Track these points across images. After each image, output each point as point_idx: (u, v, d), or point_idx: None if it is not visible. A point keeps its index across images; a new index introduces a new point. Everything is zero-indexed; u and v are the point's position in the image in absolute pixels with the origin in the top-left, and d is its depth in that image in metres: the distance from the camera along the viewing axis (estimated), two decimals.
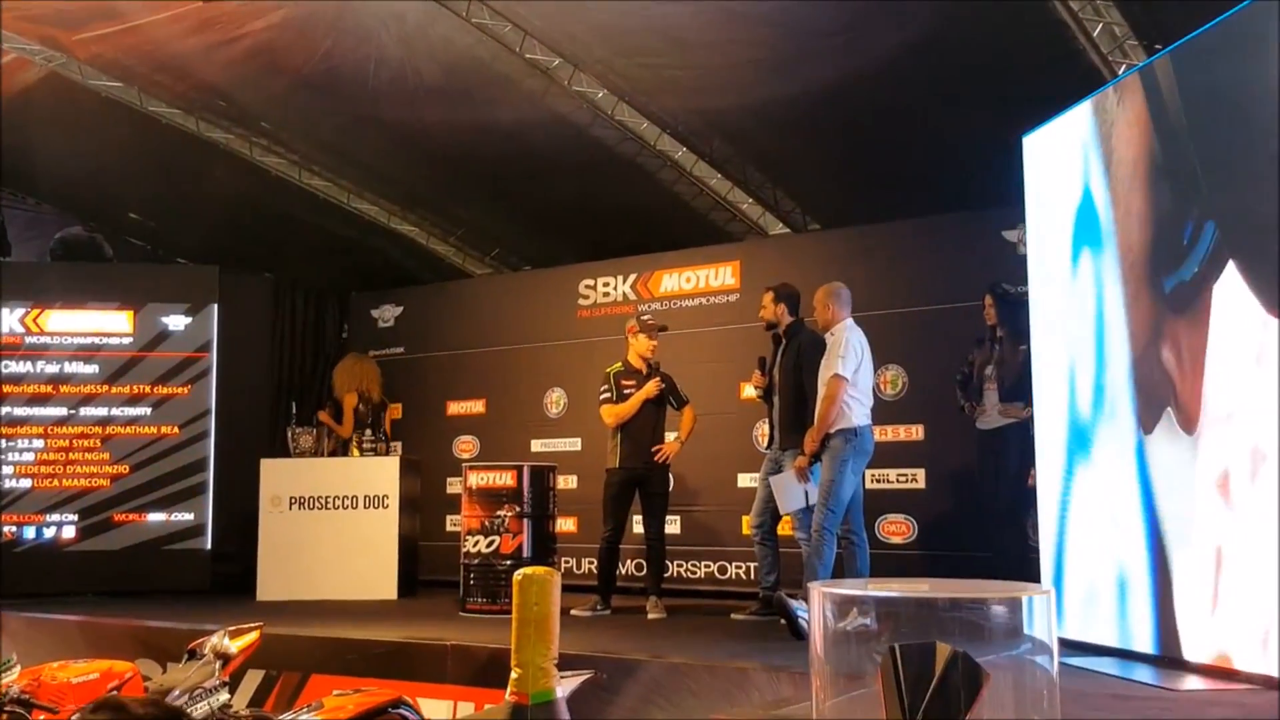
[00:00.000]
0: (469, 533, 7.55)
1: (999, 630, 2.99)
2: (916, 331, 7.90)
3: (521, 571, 4.59)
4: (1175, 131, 5.00)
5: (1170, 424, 4.87)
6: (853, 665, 3.00)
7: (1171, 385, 4.89)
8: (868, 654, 2.96)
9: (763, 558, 7.00)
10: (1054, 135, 5.88)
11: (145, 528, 9.08)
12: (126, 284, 9.42)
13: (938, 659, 2.76)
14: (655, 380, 7.43)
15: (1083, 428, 5.52)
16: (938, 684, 2.68)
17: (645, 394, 7.41)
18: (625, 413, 7.43)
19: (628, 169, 8.82)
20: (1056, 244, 5.84)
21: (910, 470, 7.83)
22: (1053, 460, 5.77)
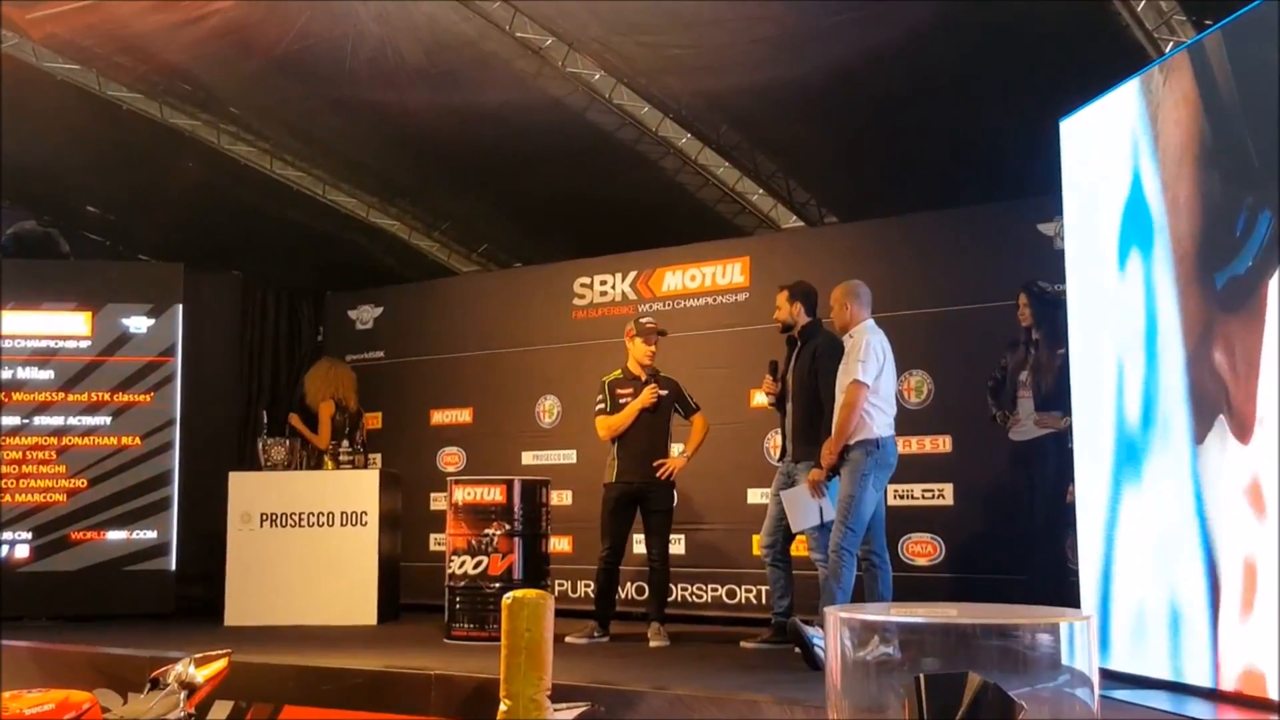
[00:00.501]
0: (455, 552, 7.52)
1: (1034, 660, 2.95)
2: (943, 334, 7.87)
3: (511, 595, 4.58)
4: (1227, 113, 4.96)
5: (1223, 432, 4.84)
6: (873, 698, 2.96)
7: (1224, 390, 4.85)
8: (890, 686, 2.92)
9: (775, 581, 6.96)
10: (1095, 119, 5.85)
11: (104, 547, 9.06)
12: (84, 283, 9.41)
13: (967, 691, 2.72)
14: (651, 388, 7.41)
15: (1130, 438, 5.48)
16: (966, 718, 2.64)
17: (640, 404, 7.39)
18: (619, 425, 7.42)
19: (627, 157, 8.80)
20: (1099, 237, 5.80)
21: (937, 485, 7.79)
22: (1095, 474, 5.73)
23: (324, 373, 9.26)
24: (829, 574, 6.22)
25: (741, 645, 7.00)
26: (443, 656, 6.57)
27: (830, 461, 6.34)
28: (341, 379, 9.20)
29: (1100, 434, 5.71)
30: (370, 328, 10.59)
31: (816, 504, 6.51)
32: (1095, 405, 5.78)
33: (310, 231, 10.39)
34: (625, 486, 7.38)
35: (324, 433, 8.95)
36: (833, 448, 6.30)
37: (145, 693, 5.11)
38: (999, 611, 3.25)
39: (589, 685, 5.28)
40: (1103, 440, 5.69)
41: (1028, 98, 6.87)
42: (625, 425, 7.40)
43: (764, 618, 7.42)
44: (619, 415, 7.43)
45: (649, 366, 7.52)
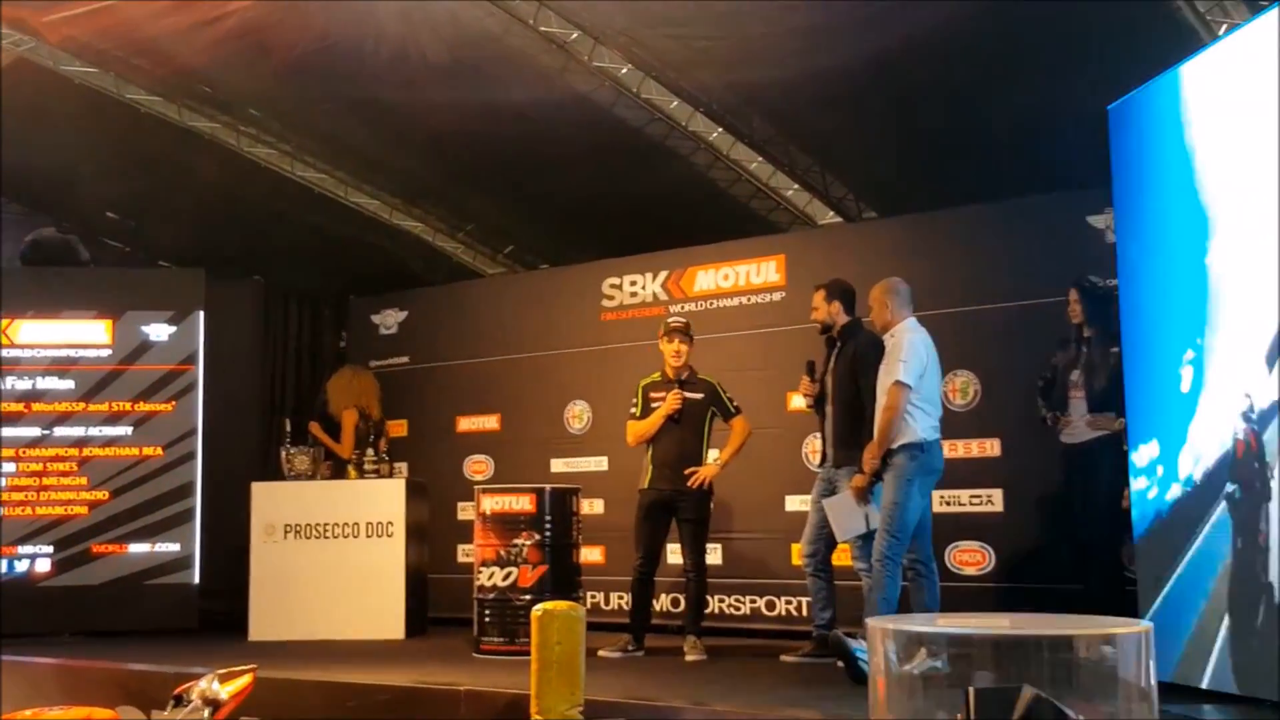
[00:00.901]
0: (483, 564, 7.51)
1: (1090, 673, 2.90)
2: (990, 332, 7.80)
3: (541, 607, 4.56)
4: None
5: None
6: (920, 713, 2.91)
7: None
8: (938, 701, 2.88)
9: (816, 591, 6.91)
10: (1147, 104, 5.76)
11: (127, 560, 9.09)
12: (104, 290, 9.45)
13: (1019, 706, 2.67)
14: (674, 393, 7.37)
15: None
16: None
17: (665, 410, 7.37)
18: (644, 431, 7.43)
19: (656, 153, 8.78)
20: (1152, 229, 5.71)
21: (985, 491, 7.72)
22: None
23: (347, 380, 9.27)
24: (873, 584, 6.17)
25: (782, 659, 6.95)
26: (472, 671, 6.56)
27: (873, 466, 6.30)
28: (365, 387, 9.21)
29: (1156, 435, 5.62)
30: (394, 333, 10.59)
31: (862, 511, 6.46)
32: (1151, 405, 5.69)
33: (332, 234, 10.42)
34: (657, 493, 7.36)
35: (347, 442, 8.95)
36: (875, 452, 6.26)
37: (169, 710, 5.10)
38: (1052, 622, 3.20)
39: (623, 701, 5.25)
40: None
41: (1075, 84, 6.80)
42: (650, 432, 7.39)
43: (805, 630, 7.37)
44: (644, 421, 7.42)
45: (680, 368, 7.47)
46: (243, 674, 5.25)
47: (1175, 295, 5.57)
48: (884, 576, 6.09)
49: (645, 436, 7.42)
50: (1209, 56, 5.45)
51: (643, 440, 7.44)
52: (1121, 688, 2.94)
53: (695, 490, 7.32)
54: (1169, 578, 5.53)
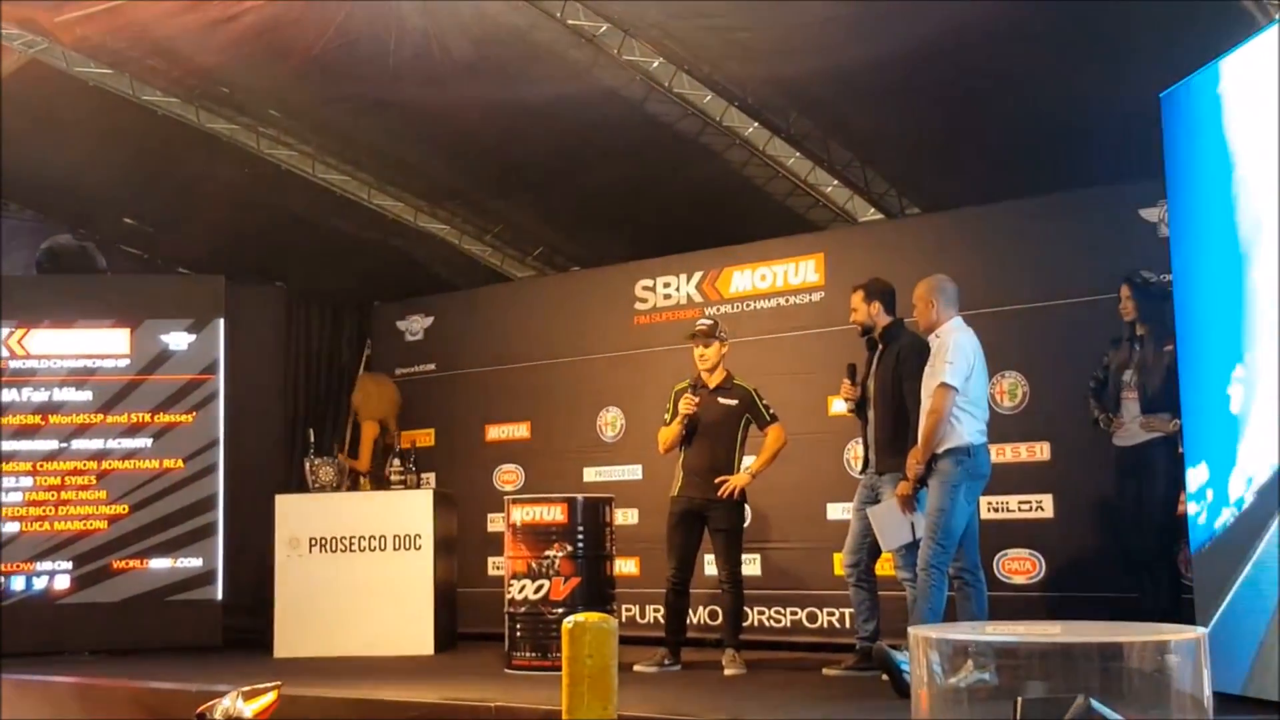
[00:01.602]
0: (514, 576, 7.54)
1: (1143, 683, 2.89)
2: (1039, 331, 7.78)
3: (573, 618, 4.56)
4: None
5: None
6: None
7: None
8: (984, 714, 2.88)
9: (859, 602, 6.91)
10: (1200, 92, 5.73)
11: (147, 576, 9.18)
12: (121, 298, 9.56)
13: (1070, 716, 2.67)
14: (686, 396, 7.39)
15: None
16: None
17: (679, 416, 7.41)
18: (666, 437, 7.50)
19: (690, 150, 8.79)
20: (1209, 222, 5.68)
21: (1035, 496, 7.69)
22: None
23: (375, 390, 9.39)
24: (918, 594, 6.18)
25: (824, 673, 6.94)
26: (503, 687, 6.59)
27: (917, 472, 6.29)
28: (388, 397, 9.35)
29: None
30: (420, 339, 10.65)
31: (908, 520, 6.46)
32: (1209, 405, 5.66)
33: (355, 239, 10.48)
34: (687, 502, 7.38)
35: (365, 454, 9.04)
36: (919, 457, 6.26)
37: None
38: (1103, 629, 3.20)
39: (659, 717, 5.26)
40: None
41: (1127, 70, 6.78)
42: (672, 438, 7.45)
43: (848, 643, 7.36)
44: (666, 430, 7.48)
45: (711, 372, 7.48)
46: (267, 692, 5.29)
47: (1224, 304, 5.54)
48: (929, 586, 6.08)
49: (669, 443, 7.48)
50: (1255, 46, 5.42)
51: (670, 447, 7.49)
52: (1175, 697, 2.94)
53: (726, 499, 7.33)
54: (1231, 586, 5.49)
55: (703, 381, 7.52)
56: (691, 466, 7.42)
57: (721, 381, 7.51)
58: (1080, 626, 3.42)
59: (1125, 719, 2.71)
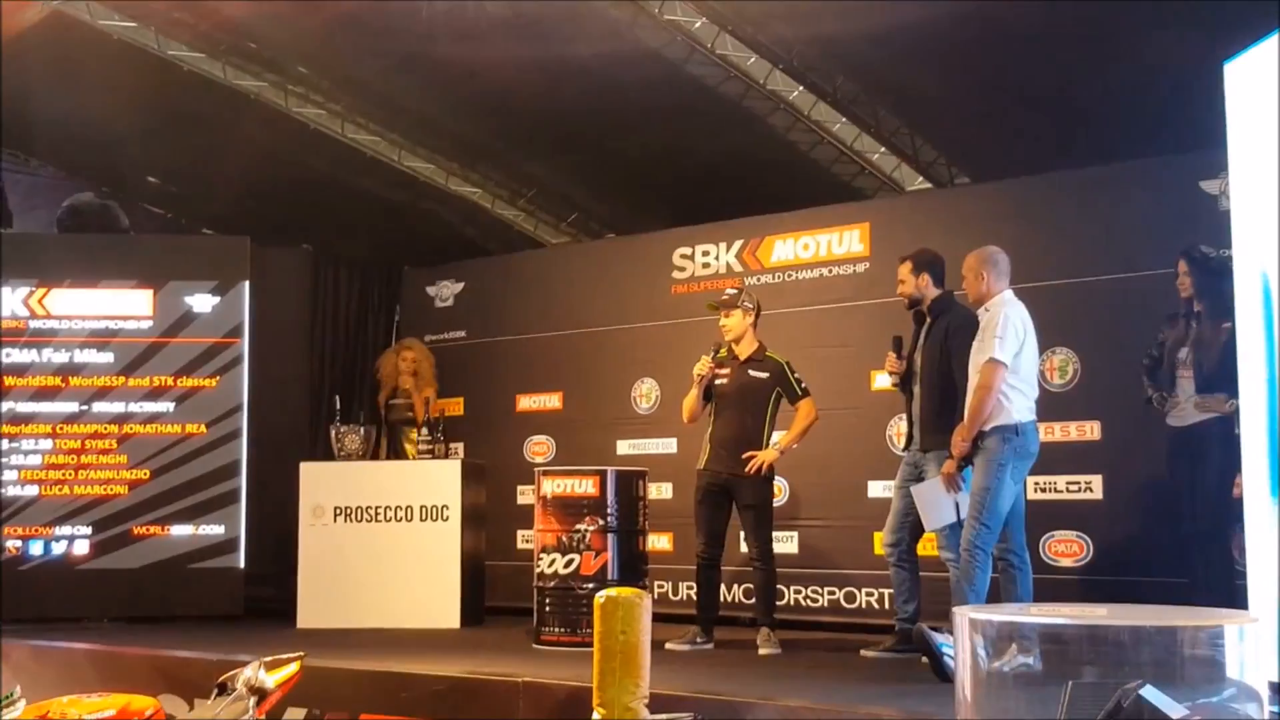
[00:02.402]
0: (544, 550, 7.56)
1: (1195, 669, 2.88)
2: (1092, 306, 7.74)
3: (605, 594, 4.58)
4: None
5: None
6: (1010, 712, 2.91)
7: None
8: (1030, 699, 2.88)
9: (900, 583, 6.91)
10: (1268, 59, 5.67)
11: (168, 543, 9.25)
12: (144, 259, 9.60)
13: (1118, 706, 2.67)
14: (704, 361, 7.40)
15: None
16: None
17: (697, 379, 7.42)
18: (686, 406, 7.54)
19: (732, 114, 8.76)
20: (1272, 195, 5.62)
21: (1084, 477, 7.67)
22: (1265, 463, 5.56)
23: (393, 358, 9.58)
24: (960, 575, 6.15)
25: (861, 654, 6.95)
26: (531, 663, 6.60)
27: (963, 450, 6.27)
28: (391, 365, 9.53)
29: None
30: (450, 305, 10.68)
31: (952, 499, 6.44)
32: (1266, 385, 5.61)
33: (385, 201, 10.51)
34: (712, 476, 7.38)
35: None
36: (965, 434, 6.23)
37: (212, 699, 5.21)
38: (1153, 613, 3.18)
39: (691, 695, 5.26)
40: None
41: (1189, 36, 6.71)
42: (692, 406, 7.48)
43: (887, 624, 7.37)
44: (687, 395, 7.52)
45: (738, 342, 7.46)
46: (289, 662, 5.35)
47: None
48: (973, 567, 6.05)
49: (690, 411, 7.50)
50: None
51: (693, 415, 7.50)
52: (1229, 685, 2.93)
53: (753, 475, 7.33)
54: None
55: (733, 352, 7.51)
56: (719, 439, 7.42)
57: (753, 353, 7.50)
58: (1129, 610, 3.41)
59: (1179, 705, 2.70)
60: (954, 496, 6.42)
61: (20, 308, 9.32)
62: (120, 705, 5.11)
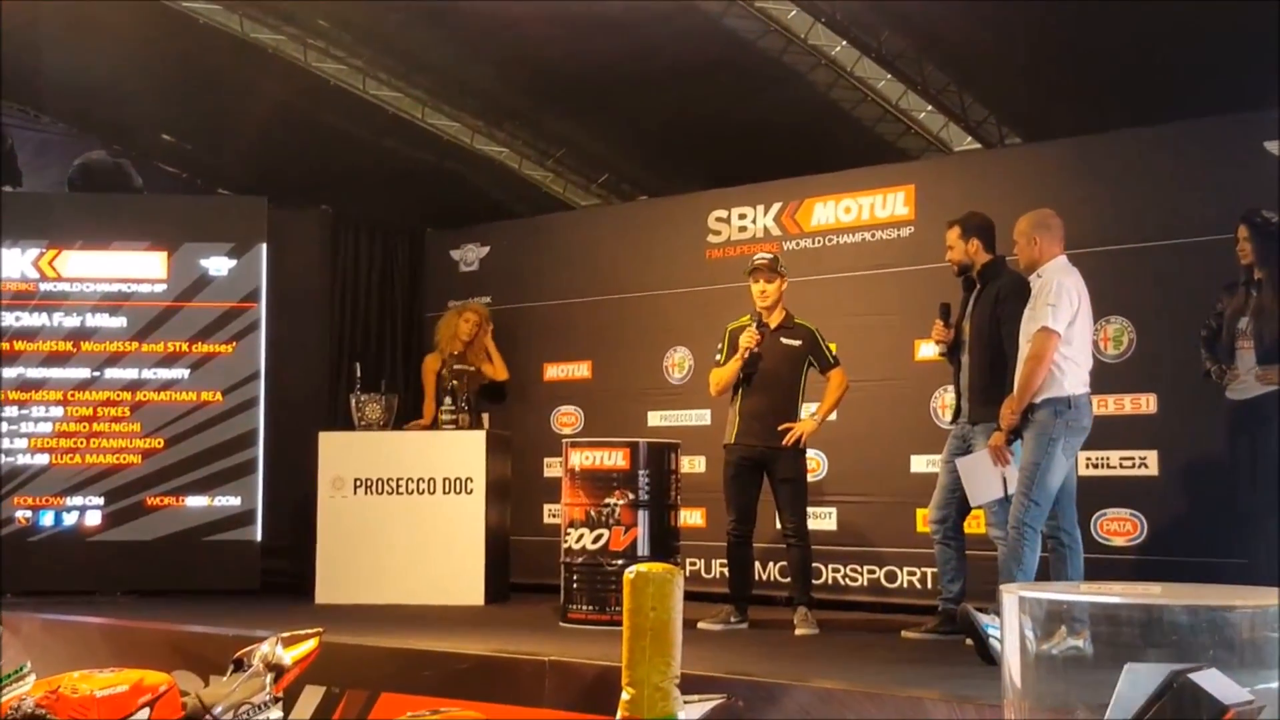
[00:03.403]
0: (571, 525, 7.59)
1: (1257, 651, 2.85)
2: (1148, 273, 7.71)
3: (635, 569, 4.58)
4: None
5: None
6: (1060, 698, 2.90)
7: None
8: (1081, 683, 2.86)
9: (944, 561, 6.91)
10: None
11: (183, 514, 9.31)
12: (158, 219, 9.63)
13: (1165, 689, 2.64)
14: (749, 332, 7.36)
15: None
16: None
17: (740, 352, 7.37)
18: (722, 379, 7.47)
19: (771, 70, 8.73)
20: None
21: (1138, 452, 7.63)
22: None
23: None
24: (1008, 554, 6.15)
25: (903, 635, 6.96)
26: (558, 641, 6.64)
27: (1012, 422, 6.25)
28: None
29: None
30: (475, 270, 10.68)
31: (999, 473, 6.43)
32: None
33: (408, 161, 10.50)
34: (745, 450, 7.39)
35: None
36: (1015, 406, 6.21)
37: (228, 675, 5.26)
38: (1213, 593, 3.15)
39: (725, 676, 5.27)
40: None
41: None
42: (729, 378, 7.43)
43: (930, 605, 7.38)
44: (724, 367, 7.44)
45: (771, 309, 7.45)
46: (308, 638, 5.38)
47: None
48: (1021, 545, 6.05)
49: (725, 384, 7.45)
50: None
51: (724, 389, 7.47)
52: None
53: (790, 447, 7.33)
54: None
55: (762, 319, 7.48)
56: (751, 411, 7.40)
57: (783, 320, 7.48)
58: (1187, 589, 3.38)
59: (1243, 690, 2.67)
60: (1002, 471, 6.41)
61: (30, 270, 9.36)
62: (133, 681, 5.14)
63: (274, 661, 5.19)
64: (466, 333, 9.37)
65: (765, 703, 5.13)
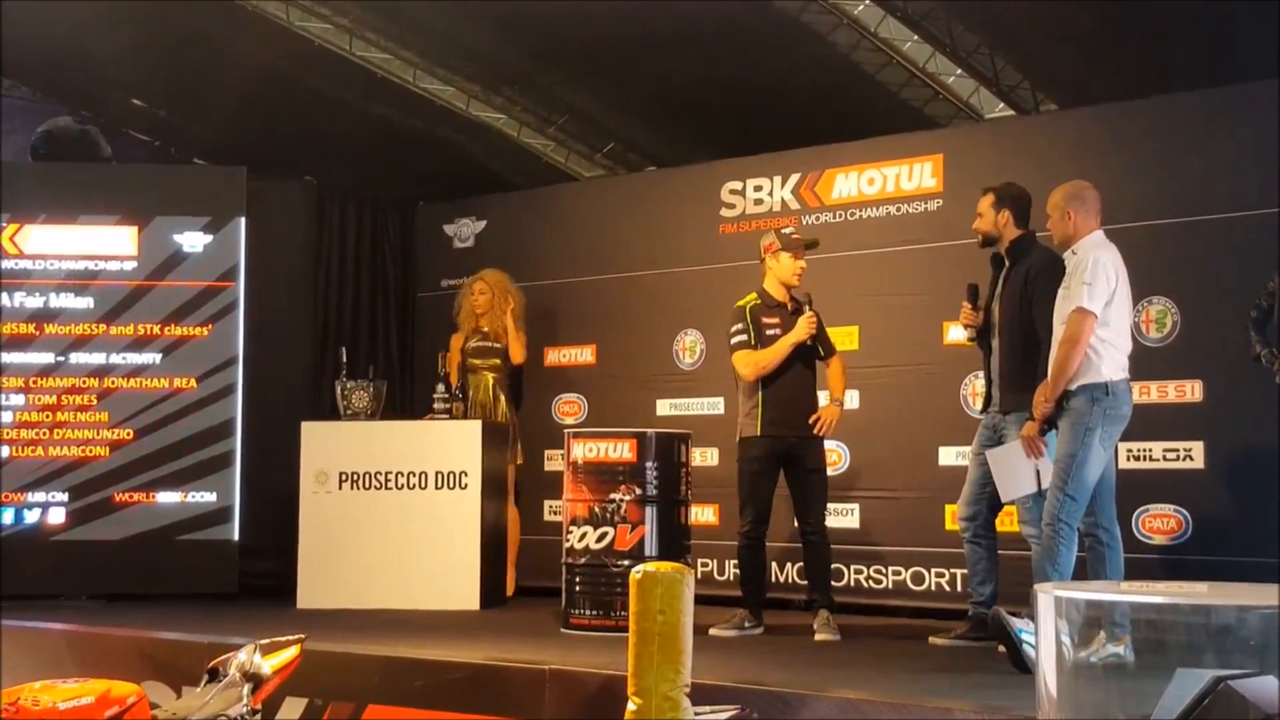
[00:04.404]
0: (573, 522, 7.60)
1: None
2: (1193, 250, 7.72)
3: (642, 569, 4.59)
4: None
5: None
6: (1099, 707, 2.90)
7: None
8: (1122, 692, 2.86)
9: (975, 562, 6.93)
10: None
11: (155, 511, 9.31)
12: (129, 192, 9.63)
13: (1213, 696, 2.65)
14: (809, 317, 7.39)
15: None
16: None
17: (798, 336, 7.37)
18: (769, 362, 7.42)
19: (789, 31, 8.72)
20: None
21: (1182, 444, 7.65)
22: None
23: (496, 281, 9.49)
24: (1043, 552, 6.16)
25: (930, 641, 6.98)
26: (560, 648, 6.65)
27: (1046, 411, 6.25)
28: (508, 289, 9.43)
29: None
30: (470, 246, 10.69)
31: (1032, 465, 6.43)
32: None
33: (398, 128, 10.50)
34: (775, 442, 7.39)
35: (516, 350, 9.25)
36: (1049, 393, 6.22)
37: (202, 685, 5.27)
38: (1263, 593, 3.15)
39: (738, 685, 5.30)
40: None
41: None
42: (777, 362, 7.40)
43: (959, 609, 7.39)
44: (770, 350, 7.41)
45: (795, 289, 7.47)
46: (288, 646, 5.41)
47: None
48: (1056, 543, 6.06)
49: (770, 367, 7.40)
50: None
51: (766, 372, 7.42)
52: None
53: (819, 437, 7.40)
54: None
55: (776, 298, 7.50)
56: (778, 400, 7.41)
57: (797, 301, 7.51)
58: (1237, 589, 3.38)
59: None
60: (1035, 463, 6.41)
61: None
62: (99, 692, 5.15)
63: (252, 671, 5.20)
64: (482, 305, 9.37)
65: (783, 713, 5.15)
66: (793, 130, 9.27)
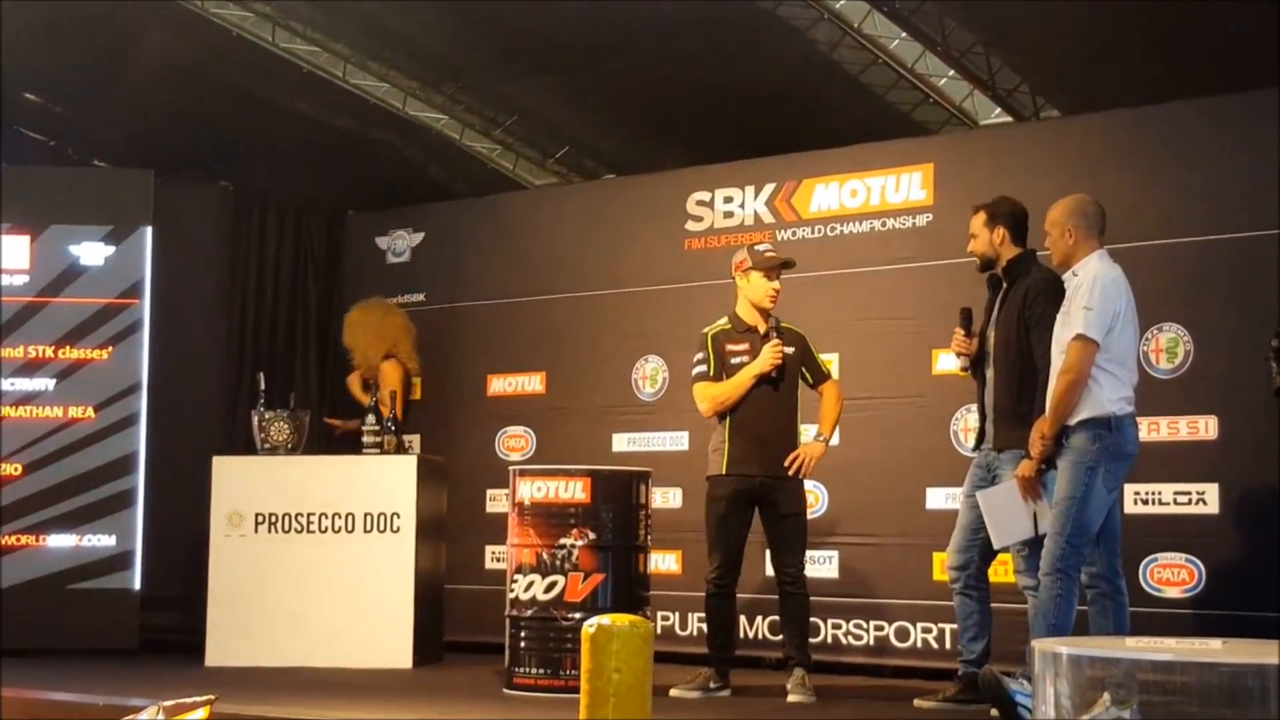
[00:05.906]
0: (519, 570, 7.59)
1: None
2: (1207, 272, 7.76)
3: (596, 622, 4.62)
4: None
5: None
6: None
7: None
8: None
9: (965, 615, 6.94)
10: None
11: (45, 557, 9.29)
12: (19, 197, 9.58)
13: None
14: (775, 344, 7.37)
15: None
16: None
17: (760, 366, 7.34)
18: (730, 396, 7.39)
19: (764, 25, 8.77)
20: None
21: (1195, 486, 7.69)
22: None
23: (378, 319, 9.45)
24: (1040, 606, 6.18)
25: (916, 704, 6.98)
26: (502, 710, 6.67)
27: (1044, 448, 6.29)
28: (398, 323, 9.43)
29: None
30: (406, 260, 10.69)
31: (1028, 508, 6.46)
32: None
33: (326, 128, 10.52)
34: (742, 482, 7.36)
35: (399, 403, 9.14)
36: (1047, 429, 6.25)
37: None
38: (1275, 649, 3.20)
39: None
40: None
41: None
42: (737, 397, 7.37)
43: (949, 668, 7.42)
44: (731, 382, 7.39)
45: (769, 311, 7.48)
46: (196, 708, 5.37)
47: None
48: (1054, 595, 6.08)
49: (732, 401, 7.36)
50: None
51: (724, 407, 7.40)
52: None
53: (794, 477, 7.37)
54: None
55: (748, 323, 7.49)
56: (749, 435, 7.38)
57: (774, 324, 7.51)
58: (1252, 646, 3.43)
59: None
60: (1032, 506, 6.44)
61: None
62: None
63: None
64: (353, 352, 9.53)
65: None
66: (767, 135, 9.33)
